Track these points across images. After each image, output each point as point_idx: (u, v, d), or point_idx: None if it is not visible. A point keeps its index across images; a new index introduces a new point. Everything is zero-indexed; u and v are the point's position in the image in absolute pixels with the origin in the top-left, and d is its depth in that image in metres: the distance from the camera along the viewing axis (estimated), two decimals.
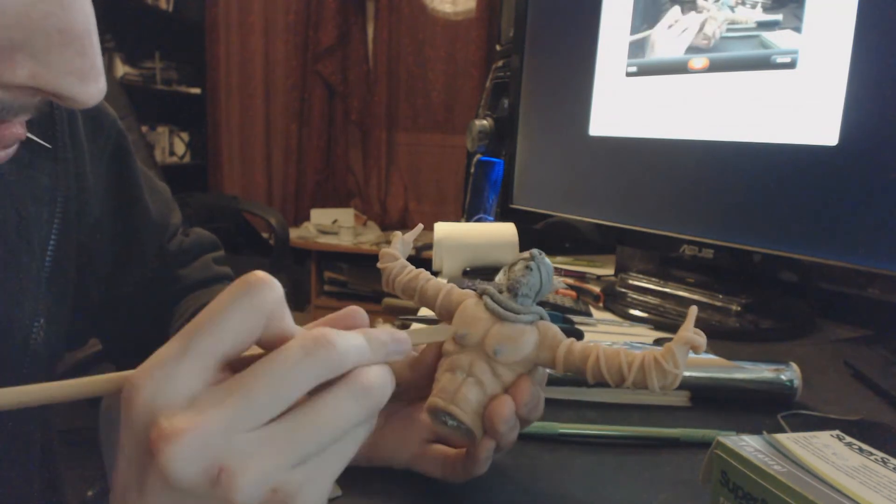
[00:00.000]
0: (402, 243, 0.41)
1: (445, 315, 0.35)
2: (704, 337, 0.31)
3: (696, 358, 0.50)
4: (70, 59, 0.24)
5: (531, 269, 0.33)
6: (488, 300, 0.33)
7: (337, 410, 0.24)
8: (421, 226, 0.43)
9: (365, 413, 0.25)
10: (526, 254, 0.34)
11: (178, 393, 0.22)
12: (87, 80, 0.24)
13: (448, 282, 0.37)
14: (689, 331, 0.31)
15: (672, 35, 0.76)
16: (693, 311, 0.32)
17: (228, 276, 0.60)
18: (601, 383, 0.49)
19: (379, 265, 0.40)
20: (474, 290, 0.35)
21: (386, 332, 0.27)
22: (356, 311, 0.28)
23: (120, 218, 0.52)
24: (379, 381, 0.25)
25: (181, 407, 0.22)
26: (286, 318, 0.25)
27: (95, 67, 0.25)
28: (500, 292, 0.34)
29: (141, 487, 0.22)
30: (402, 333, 0.28)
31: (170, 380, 0.22)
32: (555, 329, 0.33)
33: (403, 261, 0.39)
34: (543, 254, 0.34)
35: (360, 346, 0.25)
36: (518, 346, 0.32)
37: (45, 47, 0.23)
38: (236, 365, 0.24)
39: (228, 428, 0.22)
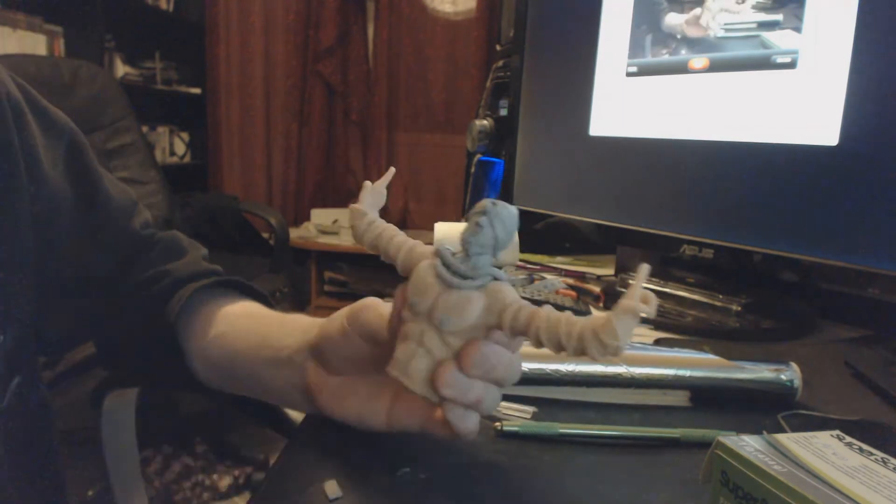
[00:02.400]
0: (371, 194, 0.38)
1: (406, 274, 0.34)
2: (653, 302, 0.27)
3: (696, 358, 0.50)
4: None
5: (481, 226, 0.31)
6: (438, 264, 0.32)
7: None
8: (392, 170, 0.41)
9: None
10: (479, 206, 0.32)
11: None
12: None
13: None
14: (634, 299, 0.27)
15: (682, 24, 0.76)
16: (643, 269, 0.29)
17: (217, 272, 0.59)
18: (601, 383, 0.49)
19: (349, 222, 0.38)
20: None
21: None
22: None
23: (79, 198, 0.51)
24: None
25: None
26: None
27: None
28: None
29: None
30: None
31: None
32: (505, 291, 0.32)
33: (371, 216, 0.37)
34: (500, 203, 0.32)
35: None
36: (463, 315, 0.32)
37: None
38: None
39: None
